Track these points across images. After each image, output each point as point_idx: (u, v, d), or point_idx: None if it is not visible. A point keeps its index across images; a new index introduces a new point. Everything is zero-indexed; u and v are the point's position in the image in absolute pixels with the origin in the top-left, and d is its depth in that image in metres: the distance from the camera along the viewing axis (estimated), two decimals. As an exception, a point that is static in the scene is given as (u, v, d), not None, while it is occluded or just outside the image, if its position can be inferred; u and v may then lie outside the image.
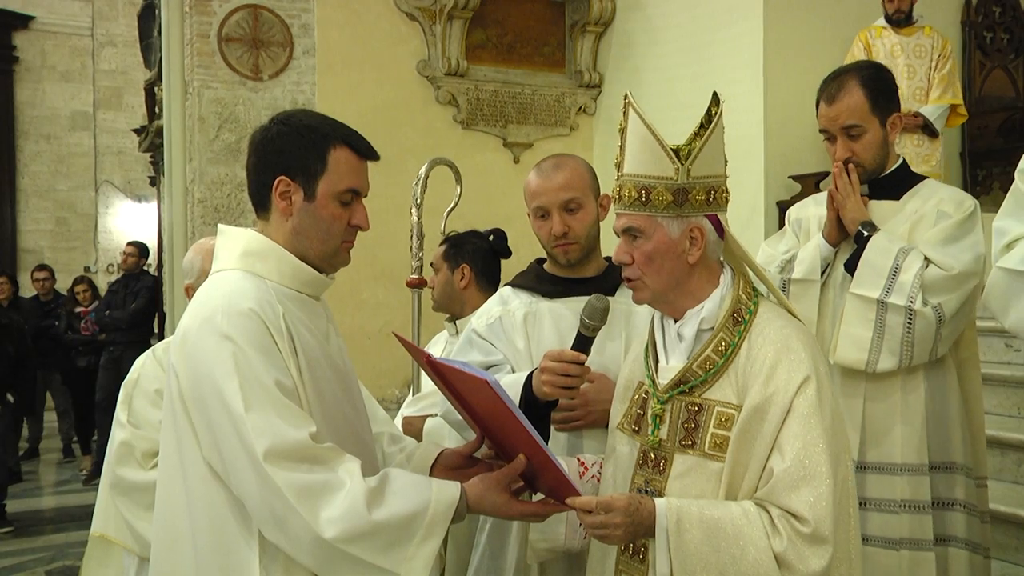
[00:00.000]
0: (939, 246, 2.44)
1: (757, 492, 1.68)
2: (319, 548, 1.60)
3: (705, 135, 1.76)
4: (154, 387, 2.62)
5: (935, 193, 2.55)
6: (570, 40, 7.05)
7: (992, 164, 6.29)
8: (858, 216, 2.51)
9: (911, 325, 2.38)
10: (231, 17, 5.98)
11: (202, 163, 5.96)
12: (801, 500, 1.63)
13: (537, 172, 2.31)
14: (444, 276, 3.18)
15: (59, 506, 7.84)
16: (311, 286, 1.82)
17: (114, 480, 2.62)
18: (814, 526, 1.61)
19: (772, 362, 1.72)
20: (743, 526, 1.63)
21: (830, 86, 2.53)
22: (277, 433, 1.60)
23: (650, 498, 1.71)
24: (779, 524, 1.63)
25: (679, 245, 1.78)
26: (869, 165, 2.53)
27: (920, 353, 2.42)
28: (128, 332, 8.14)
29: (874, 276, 2.43)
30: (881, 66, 2.63)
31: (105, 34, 13.91)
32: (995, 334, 4.72)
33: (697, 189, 1.76)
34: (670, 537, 1.65)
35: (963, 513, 2.47)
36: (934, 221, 2.49)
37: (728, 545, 1.63)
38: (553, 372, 2.01)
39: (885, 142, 2.53)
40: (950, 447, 2.48)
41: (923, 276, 2.39)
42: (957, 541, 2.47)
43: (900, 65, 5.66)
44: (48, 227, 13.66)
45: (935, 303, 2.39)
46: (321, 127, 1.78)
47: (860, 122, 2.49)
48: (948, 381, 2.50)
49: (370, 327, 6.09)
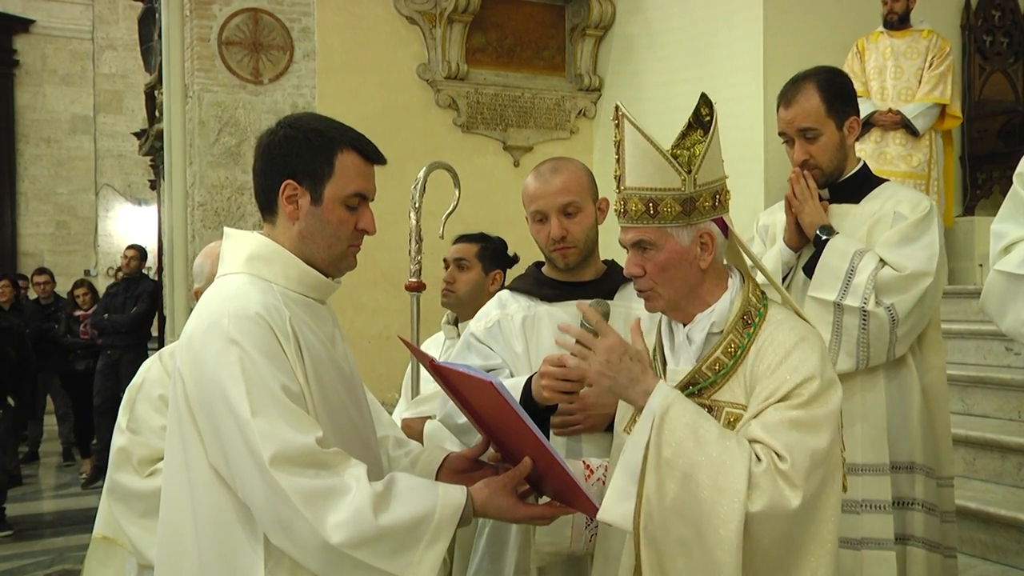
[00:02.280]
0: (894, 247, 2.46)
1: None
2: (325, 553, 1.60)
3: (707, 141, 1.76)
4: (158, 392, 2.60)
5: (893, 195, 2.57)
6: (570, 43, 7.05)
7: (992, 168, 6.30)
8: (816, 220, 2.53)
9: (865, 326, 2.41)
10: (231, 21, 5.99)
11: (202, 167, 5.96)
12: (783, 441, 1.63)
13: (535, 176, 2.30)
14: (477, 276, 3.16)
15: (59, 510, 7.82)
16: (317, 290, 1.82)
17: (111, 485, 2.61)
18: (791, 463, 1.62)
19: (779, 361, 1.73)
20: (731, 444, 1.64)
21: (788, 90, 2.57)
22: (284, 438, 1.60)
23: (654, 376, 1.73)
24: (761, 453, 1.64)
25: (691, 252, 1.79)
26: (826, 168, 2.55)
27: (876, 354, 2.44)
28: (126, 336, 8.13)
29: (831, 279, 2.45)
30: (838, 71, 2.65)
31: (105, 38, 13.94)
32: (995, 337, 4.73)
33: (704, 196, 1.77)
34: (654, 423, 1.66)
35: (922, 512, 2.49)
36: (891, 223, 2.51)
37: (710, 449, 1.63)
38: (553, 376, 2.01)
39: (842, 145, 2.55)
40: (911, 447, 2.50)
41: (876, 277, 2.41)
42: (915, 540, 2.49)
43: (889, 66, 5.71)
44: (48, 230, 13.67)
45: (888, 303, 2.41)
46: (328, 131, 1.78)
47: (815, 125, 2.51)
48: (909, 381, 2.52)
49: (370, 330, 6.09)
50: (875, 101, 5.71)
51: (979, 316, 4.94)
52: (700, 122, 1.81)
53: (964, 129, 6.41)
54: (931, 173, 5.67)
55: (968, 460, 4.24)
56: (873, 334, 2.41)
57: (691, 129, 1.81)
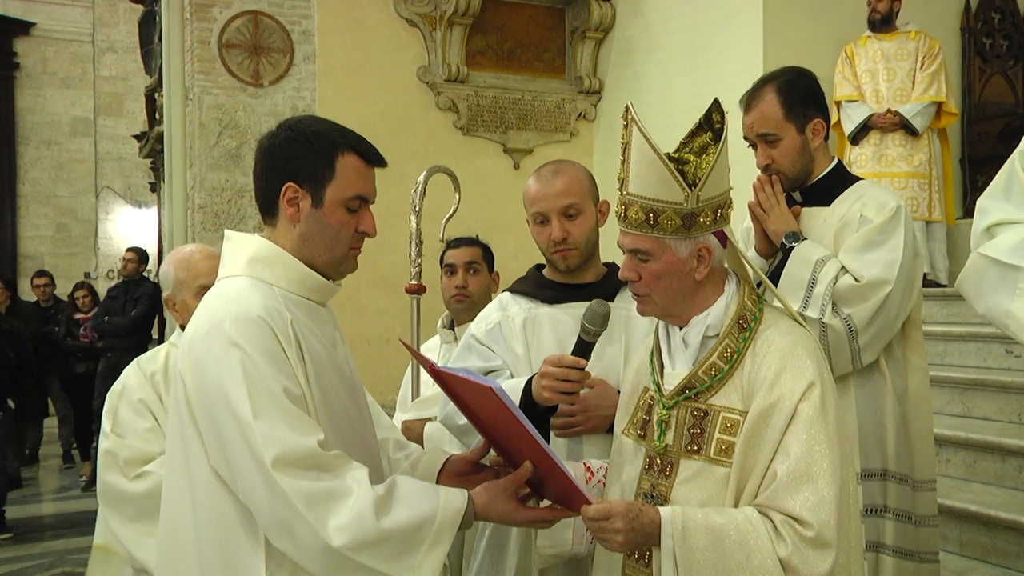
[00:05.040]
0: (856, 253, 2.40)
1: (760, 495, 1.68)
2: (327, 556, 1.60)
3: (716, 154, 1.74)
4: (137, 396, 2.62)
5: (860, 197, 2.50)
6: (570, 46, 7.06)
7: (992, 170, 6.26)
8: (781, 227, 2.48)
9: (824, 338, 2.35)
10: (232, 23, 6.00)
11: (202, 169, 5.96)
12: (803, 503, 1.63)
13: (536, 178, 2.30)
14: (486, 278, 3.21)
15: (58, 512, 7.82)
16: (318, 293, 1.82)
17: (101, 488, 2.62)
18: (817, 529, 1.62)
19: (777, 368, 1.72)
20: (747, 532, 1.64)
21: (749, 94, 2.53)
22: (285, 441, 1.60)
23: (652, 506, 1.71)
24: (782, 529, 1.63)
25: (687, 264, 1.78)
26: (789, 172, 2.50)
27: (840, 364, 2.38)
28: (126, 339, 8.12)
29: (794, 288, 2.39)
30: (802, 72, 2.57)
31: (106, 40, 13.95)
32: (995, 340, 4.72)
33: (705, 211, 1.76)
34: (676, 545, 1.65)
35: (893, 520, 2.46)
36: (857, 226, 2.45)
37: (734, 551, 1.63)
38: (553, 377, 2.00)
39: (805, 148, 2.49)
40: (882, 454, 2.46)
41: (835, 286, 2.36)
42: (886, 548, 2.46)
43: (880, 69, 5.73)
44: (48, 233, 13.68)
45: (846, 313, 2.35)
46: (329, 134, 1.78)
47: (773, 130, 2.46)
48: (881, 388, 2.47)
49: (369, 333, 6.10)
50: (870, 104, 5.72)
51: (979, 318, 4.93)
52: (711, 126, 1.79)
53: (964, 131, 6.42)
54: (932, 172, 5.70)
55: (968, 463, 4.23)
56: (833, 346, 2.36)
57: (700, 130, 1.79)
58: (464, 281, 3.17)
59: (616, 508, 1.67)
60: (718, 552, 1.63)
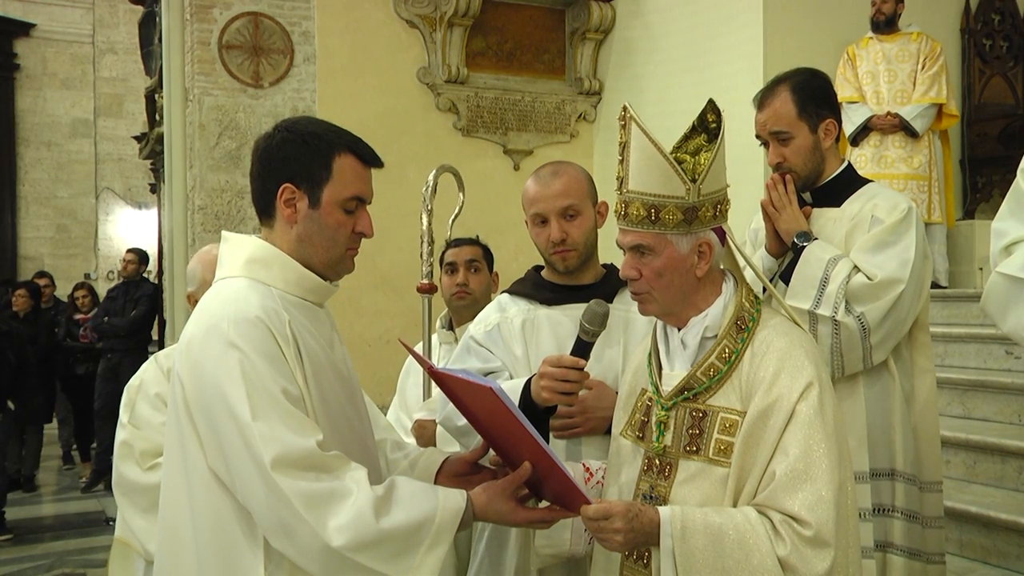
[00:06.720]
0: (868, 253, 2.42)
1: (758, 495, 1.69)
2: (327, 556, 1.60)
3: (714, 150, 1.75)
4: (155, 391, 2.68)
5: (871, 198, 2.52)
6: (570, 47, 7.06)
7: (992, 171, 6.31)
8: (793, 226, 2.50)
9: (837, 336, 2.37)
10: (232, 24, 5.99)
11: (202, 170, 5.96)
12: (802, 502, 1.63)
13: (535, 179, 2.30)
14: (486, 277, 3.24)
15: (58, 514, 7.81)
16: (316, 293, 1.82)
17: (117, 479, 2.68)
18: (816, 529, 1.62)
19: (776, 368, 1.73)
20: (746, 532, 1.64)
21: (763, 93, 2.54)
22: (284, 441, 1.60)
23: (651, 506, 1.71)
24: (781, 529, 1.64)
25: (688, 260, 1.79)
26: (800, 171, 2.52)
27: (852, 362, 2.41)
28: (126, 340, 8.13)
29: (806, 287, 2.41)
30: (816, 72, 2.60)
31: (106, 41, 13.96)
32: (995, 341, 4.72)
33: (706, 206, 1.77)
34: (675, 545, 1.65)
35: (902, 520, 2.47)
36: (868, 227, 2.47)
37: (732, 550, 1.63)
38: (552, 378, 2.00)
39: (816, 148, 2.51)
40: (891, 454, 2.47)
41: (848, 285, 2.38)
42: (894, 548, 2.46)
43: (882, 71, 5.73)
44: (48, 234, 13.68)
45: (859, 312, 2.37)
46: (326, 134, 1.79)
47: (786, 128, 2.48)
48: (890, 388, 2.48)
49: (369, 334, 6.09)
50: (871, 106, 5.73)
51: (980, 320, 4.93)
52: (705, 128, 1.80)
53: (964, 132, 6.43)
54: (932, 174, 5.70)
55: (968, 464, 4.24)
56: (845, 344, 2.38)
57: (695, 133, 1.80)
58: (465, 279, 3.19)
59: (615, 508, 1.67)
60: (717, 552, 1.64)
